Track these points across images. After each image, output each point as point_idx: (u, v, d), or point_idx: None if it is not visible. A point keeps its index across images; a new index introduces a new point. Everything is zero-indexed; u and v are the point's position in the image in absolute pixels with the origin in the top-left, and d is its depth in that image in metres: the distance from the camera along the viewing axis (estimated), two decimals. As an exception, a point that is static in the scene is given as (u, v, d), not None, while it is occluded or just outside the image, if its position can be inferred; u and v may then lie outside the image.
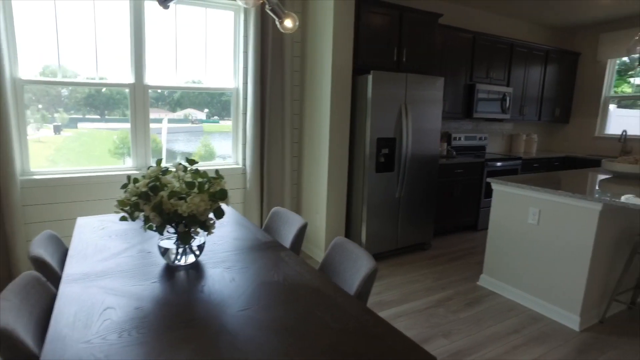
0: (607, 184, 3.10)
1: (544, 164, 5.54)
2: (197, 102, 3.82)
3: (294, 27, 1.64)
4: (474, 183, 4.77)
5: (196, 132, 3.92)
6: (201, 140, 3.95)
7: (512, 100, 5.35)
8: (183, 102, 3.76)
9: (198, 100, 3.81)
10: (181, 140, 3.93)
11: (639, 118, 5.73)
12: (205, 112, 3.87)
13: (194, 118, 3.89)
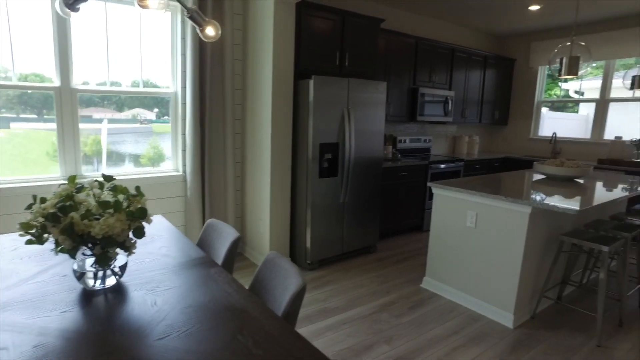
0: (539, 186, 3.26)
1: (485, 165, 5.77)
2: (146, 102, 3.64)
3: (217, 35, 1.56)
4: (418, 185, 4.87)
5: (145, 133, 3.74)
6: (150, 142, 3.76)
7: (454, 103, 5.52)
8: (131, 101, 3.57)
9: (147, 100, 3.62)
10: (129, 142, 3.72)
11: (567, 120, 6.10)
12: (155, 112, 3.69)
13: (142, 118, 3.70)
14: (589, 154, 5.75)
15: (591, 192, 3.09)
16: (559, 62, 3.86)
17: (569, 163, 3.62)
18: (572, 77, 3.84)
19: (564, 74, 3.83)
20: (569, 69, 3.37)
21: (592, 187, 3.32)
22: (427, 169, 4.92)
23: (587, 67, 4.01)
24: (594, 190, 3.21)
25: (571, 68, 3.10)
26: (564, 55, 3.16)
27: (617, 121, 5.62)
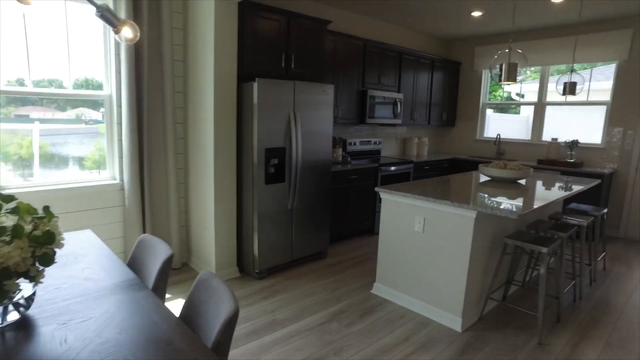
0: (484, 188, 3.31)
1: (434, 166, 5.87)
2: (91, 102, 3.36)
3: (135, 37, 1.41)
4: (369, 188, 4.86)
5: (90, 134, 3.46)
6: (95, 144, 3.48)
7: (403, 105, 5.57)
8: (75, 101, 3.28)
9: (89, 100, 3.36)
10: (72, 143, 3.43)
11: (510, 122, 6.33)
12: (102, 112, 3.41)
13: (87, 118, 3.42)
14: (530, 154, 6.00)
15: (532, 194, 3.18)
16: (499, 68, 3.96)
17: (512, 165, 3.72)
18: (511, 83, 3.96)
19: (504, 79, 3.93)
20: (508, 74, 3.46)
21: (533, 189, 3.43)
22: (377, 172, 4.92)
23: (525, 73, 4.15)
24: (535, 191, 3.31)
25: (510, 74, 3.18)
26: (503, 61, 3.23)
27: (557, 123, 5.90)
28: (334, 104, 4.65)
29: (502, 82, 3.85)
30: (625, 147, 5.22)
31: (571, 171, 5.08)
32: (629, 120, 5.16)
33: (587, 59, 5.38)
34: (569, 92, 4.07)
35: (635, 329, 3.01)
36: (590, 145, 5.48)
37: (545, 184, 3.76)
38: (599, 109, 5.45)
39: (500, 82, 3.88)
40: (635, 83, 5.09)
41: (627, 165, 5.22)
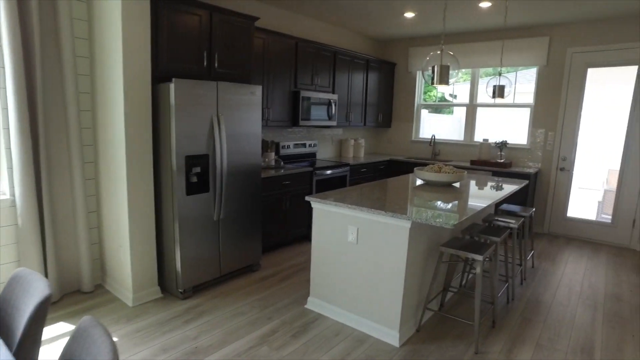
0: (419, 193, 3.21)
1: (371, 168, 5.79)
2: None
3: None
4: (303, 193, 4.65)
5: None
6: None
7: (337, 106, 5.43)
8: None
9: None
10: None
11: (445, 122, 6.42)
12: None
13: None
14: (463, 154, 6.11)
15: (467, 198, 3.13)
16: (431, 70, 3.91)
17: (446, 169, 3.68)
18: (443, 85, 3.93)
19: (436, 82, 3.88)
20: (440, 77, 3.40)
21: (467, 192, 3.39)
22: (312, 176, 4.73)
23: (456, 75, 4.14)
24: (469, 195, 3.27)
25: (442, 76, 3.10)
26: (435, 63, 3.15)
27: (488, 124, 6.05)
28: (264, 105, 4.39)
29: (435, 84, 3.81)
30: (547, 148, 5.44)
31: (501, 171, 5.21)
32: (550, 122, 5.39)
33: (512, 63, 5.56)
34: (498, 94, 4.12)
35: (562, 326, 3.05)
36: (517, 145, 5.67)
37: (479, 186, 3.76)
38: (524, 111, 5.65)
39: (433, 84, 3.84)
40: (553, 87, 5.32)
41: (549, 164, 5.45)
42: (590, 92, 5.19)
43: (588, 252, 4.83)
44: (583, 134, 5.28)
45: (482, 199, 3.17)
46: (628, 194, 4.99)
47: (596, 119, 5.25)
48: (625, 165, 4.99)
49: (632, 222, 5.00)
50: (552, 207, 5.49)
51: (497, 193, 3.45)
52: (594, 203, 5.83)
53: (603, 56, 4.99)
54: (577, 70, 5.17)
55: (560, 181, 5.40)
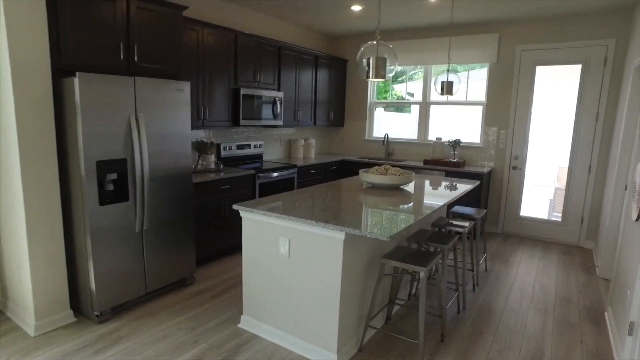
0: (365, 196, 2.97)
1: (321, 170, 5.52)
2: None
3: None
4: (244, 198, 4.33)
5: None
6: None
7: (284, 105, 5.13)
8: None
9: None
10: None
11: (402, 121, 6.24)
12: None
13: None
14: (417, 153, 5.96)
15: (413, 202, 2.90)
16: (366, 62, 3.63)
17: (393, 170, 3.45)
18: (380, 79, 3.68)
19: (372, 76, 3.62)
20: (376, 70, 3.16)
21: (415, 196, 3.17)
22: (255, 179, 4.41)
23: (394, 70, 3.91)
24: (416, 199, 3.05)
25: (378, 69, 2.85)
26: (371, 55, 2.90)
27: (442, 122, 5.92)
28: (200, 104, 4.03)
29: (370, 78, 3.54)
30: (499, 146, 5.36)
31: (455, 171, 5.07)
32: (502, 121, 5.31)
33: (463, 60, 5.44)
34: (446, 91, 3.94)
35: (512, 335, 2.89)
36: (470, 144, 5.56)
37: (429, 188, 3.57)
38: (476, 109, 5.55)
39: (368, 78, 3.57)
40: (504, 85, 5.24)
41: (502, 163, 5.37)
42: (539, 90, 5.14)
43: (540, 252, 4.76)
44: (534, 132, 5.23)
45: (430, 202, 2.95)
46: (576, 192, 4.97)
47: (546, 117, 5.21)
48: (573, 163, 4.96)
49: (581, 219, 4.98)
50: (505, 206, 5.41)
51: (447, 195, 3.26)
52: (547, 201, 5.82)
53: (550, 54, 4.94)
54: (527, 68, 5.11)
55: (513, 180, 5.34)
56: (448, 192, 3.44)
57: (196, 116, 4.01)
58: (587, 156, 4.88)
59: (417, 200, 3.03)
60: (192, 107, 3.97)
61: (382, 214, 2.55)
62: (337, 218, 2.39)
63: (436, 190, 3.47)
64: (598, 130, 4.77)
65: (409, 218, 2.47)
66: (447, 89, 3.91)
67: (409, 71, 6.12)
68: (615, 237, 3.80)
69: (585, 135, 4.86)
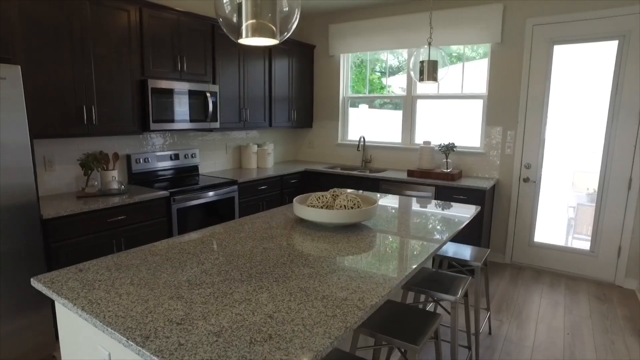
0: (296, 244, 1.73)
1: (276, 184, 4.30)
2: None
3: None
4: (151, 232, 3.11)
5: None
6: None
7: (221, 101, 3.91)
8: None
9: None
10: None
11: (387, 120, 5.02)
12: None
13: None
14: (401, 161, 4.72)
15: (371, 256, 1.67)
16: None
17: (343, 198, 2.22)
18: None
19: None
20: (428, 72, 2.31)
21: (378, 240, 1.94)
22: (170, 204, 3.19)
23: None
24: (379, 252, 1.82)
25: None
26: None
27: (432, 122, 4.68)
28: (83, 101, 2.81)
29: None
30: (506, 152, 4.12)
31: (447, 186, 3.84)
32: (508, 119, 4.07)
33: (457, 41, 4.20)
34: (428, 75, 2.71)
35: None
36: (468, 149, 4.33)
37: (404, 220, 2.34)
38: (475, 104, 4.32)
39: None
40: (511, 72, 4.00)
41: (510, 174, 4.13)
42: (558, 77, 3.90)
43: (564, 296, 3.52)
44: (552, 133, 3.99)
45: (393, 265, 1.72)
46: (611, 213, 3.73)
47: (568, 114, 3.98)
48: (606, 175, 3.72)
49: (618, 249, 3.74)
50: (514, 229, 4.18)
51: (429, 241, 2.02)
52: (566, 220, 4.57)
53: (573, 28, 3.70)
54: (541, 48, 3.87)
55: (525, 195, 4.10)
56: (434, 228, 2.21)
57: (77, 119, 2.80)
58: (627, 167, 3.63)
59: (379, 253, 1.80)
60: (70, 105, 2.76)
61: (305, 299, 1.33)
62: (174, 331, 1.16)
63: (416, 225, 2.24)
64: (641, 130, 3.53)
65: (353, 314, 1.24)
66: (428, 71, 2.68)
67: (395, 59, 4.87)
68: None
69: (623, 139, 3.62)
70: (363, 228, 2.19)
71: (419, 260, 1.73)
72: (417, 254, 1.80)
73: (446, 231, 2.18)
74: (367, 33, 4.69)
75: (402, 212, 2.58)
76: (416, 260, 1.73)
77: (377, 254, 1.78)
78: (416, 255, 1.80)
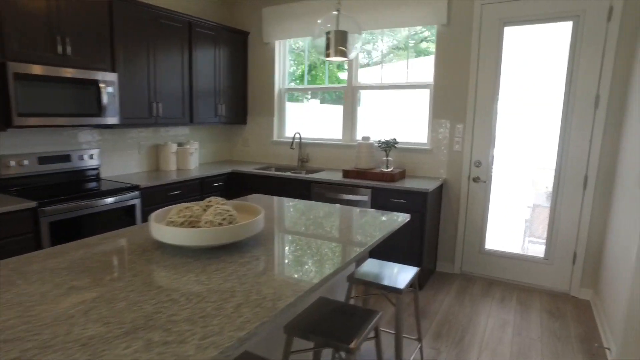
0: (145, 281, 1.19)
1: (194, 189, 3.74)
2: None
3: None
4: (14, 251, 2.51)
5: None
6: None
7: (121, 92, 3.32)
8: None
9: None
10: None
11: (332, 115, 4.52)
12: None
13: None
14: (341, 160, 4.23)
15: (252, 288, 1.15)
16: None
17: (212, 210, 1.69)
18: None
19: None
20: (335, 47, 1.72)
21: (265, 266, 1.41)
22: (37, 217, 2.59)
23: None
24: (261, 287, 1.29)
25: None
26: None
27: (376, 116, 4.20)
28: None
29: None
30: (454, 148, 3.68)
31: (385, 188, 3.36)
32: (456, 110, 3.63)
33: (399, 23, 3.73)
34: (336, 51, 2.19)
35: None
36: (414, 145, 3.86)
37: (307, 232, 1.83)
38: (422, 94, 3.86)
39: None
40: (458, 57, 3.55)
41: (458, 173, 3.69)
42: (510, 62, 3.47)
43: (515, 311, 3.09)
44: (504, 126, 3.56)
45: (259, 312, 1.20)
46: (566, 216, 3.33)
47: (521, 104, 3.55)
48: (561, 173, 3.32)
49: (573, 256, 3.34)
50: (464, 236, 3.74)
51: (330, 262, 1.52)
52: (522, 224, 4.16)
53: (525, 8, 3.28)
54: (491, 30, 3.43)
55: (475, 197, 3.66)
56: (336, 250, 1.71)
57: None
58: (582, 163, 3.23)
59: (246, 292, 1.28)
60: None
61: None
62: None
63: (317, 245, 1.73)
64: (598, 122, 3.13)
65: None
66: (335, 43, 2.16)
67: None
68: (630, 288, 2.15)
69: (578, 132, 3.21)
70: (244, 248, 1.66)
71: (301, 305, 1.22)
72: (300, 288, 1.29)
73: (353, 255, 1.68)
74: (305, 16, 4.17)
75: (306, 225, 2.06)
76: (294, 306, 1.21)
77: (245, 293, 1.26)
78: (289, 295, 1.28)
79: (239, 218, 1.85)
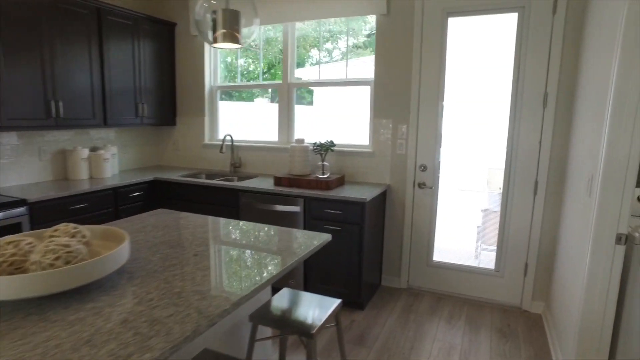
0: None
1: (106, 201, 3.25)
2: None
3: None
4: None
5: None
6: None
7: (9, 91, 2.80)
8: None
9: None
10: None
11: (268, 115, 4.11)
12: None
13: None
14: (277, 165, 3.83)
15: None
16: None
17: (44, 247, 1.26)
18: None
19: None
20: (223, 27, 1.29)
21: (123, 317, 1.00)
22: None
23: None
24: None
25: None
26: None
27: (315, 117, 3.83)
28: None
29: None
30: (397, 151, 3.35)
31: (319, 197, 2.99)
32: (399, 109, 3.30)
33: (335, 13, 3.37)
34: (223, 36, 1.78)
35: None
36: (354, 148, 3.52)
37: (183, 283, 1.43)
38: (363, 92, 3.52)
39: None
40: (399, 51, 3.23)
41: (403, 178, 3.37)
42: (455, 57, 3.18)
43: (463, 332, 2.79)
44: (450, 126, 3.27)
45: None
46: (516, 225, 3.07)
47: (469, 102, 3.28)
48: (510, 178, 3.05)
49: (524, 267, 3.08)
50: (410, 247, 3.42)
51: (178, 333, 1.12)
52: (474, 231, 3.91)
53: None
54: (434, 21, 3.12)
55: (420, 205, 3.35)
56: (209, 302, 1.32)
57: None
58: (531, 167, 2.97)
59: None
60: None
61: None
62: None
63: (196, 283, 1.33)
64: (547, 121, 2.87)
65: None
66: (224, 26, 1.76)
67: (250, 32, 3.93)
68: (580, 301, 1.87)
69: (527, 132, 2.95)
70: (92, 294, 1.24)
71: None
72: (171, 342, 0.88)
73: (254, 284, 1.29)
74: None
75: (197, 251, 1.65)
76: None
77: None
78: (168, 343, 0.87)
79: (92, 251, 1.42)
